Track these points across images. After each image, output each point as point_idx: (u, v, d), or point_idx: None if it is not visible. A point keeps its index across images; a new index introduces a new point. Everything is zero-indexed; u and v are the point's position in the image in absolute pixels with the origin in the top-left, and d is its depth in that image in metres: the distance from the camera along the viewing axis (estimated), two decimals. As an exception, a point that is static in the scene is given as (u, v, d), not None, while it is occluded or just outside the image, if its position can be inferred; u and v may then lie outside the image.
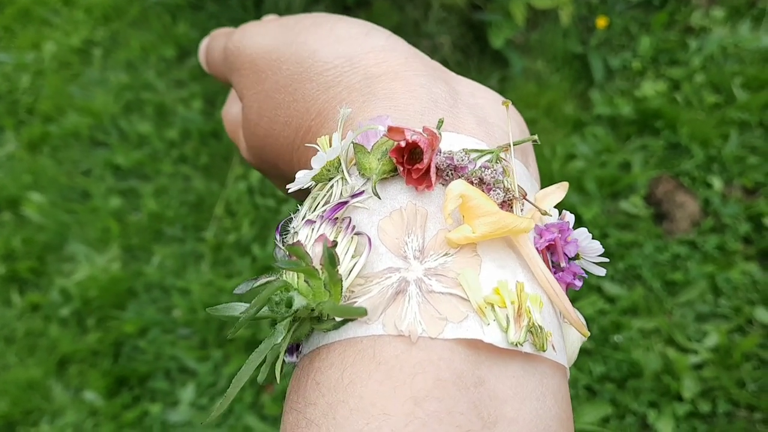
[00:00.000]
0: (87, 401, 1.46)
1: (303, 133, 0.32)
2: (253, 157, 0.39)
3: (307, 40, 0.34)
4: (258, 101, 0.36)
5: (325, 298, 0.23)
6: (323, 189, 0.27)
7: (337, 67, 0.31)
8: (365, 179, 0.26)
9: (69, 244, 1.69)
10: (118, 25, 2.15)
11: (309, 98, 0.32)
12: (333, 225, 0.25)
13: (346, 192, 0.26)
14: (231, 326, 1.09)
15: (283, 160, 0.35)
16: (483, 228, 0.24)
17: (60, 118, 1.95)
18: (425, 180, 0.25)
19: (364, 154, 0.26)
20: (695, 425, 1.27)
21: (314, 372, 0.23)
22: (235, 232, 1.64)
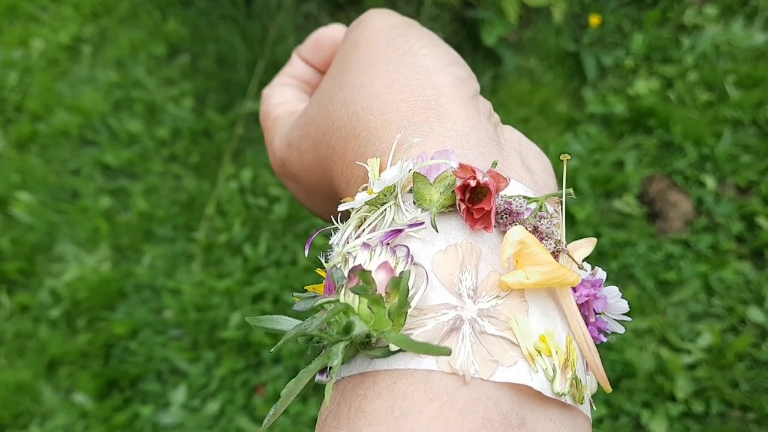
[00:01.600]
0: (77, 403, 1.44)
1: (349, 141, 0.33)
2: (290, 156, 0.40)
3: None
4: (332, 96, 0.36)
5: (387, 327, 0.23)
6: (373, 212, 0.27)
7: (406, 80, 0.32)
8: (421, 209, 0.26)
9: (58, 245, 1.67)
10: (106, 21, 2.13)
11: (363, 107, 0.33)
12: (393, 253, 0.25)
13: (400, 219, 0.26)
14: (223, 329, 1.09)
15: (323, 166, 0.36)
16: (537, 276, 0.24)
17: (48, 116, 1.93)
18: (485, 221, 0.26)
19: (425, 185, 0.26)
20: (688, 425, 1.27)
21: (359, 399, 0.23)
22: (226, 232, 1.63)
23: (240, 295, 1.52)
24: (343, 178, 0.33)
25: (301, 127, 0.38)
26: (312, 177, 0.39)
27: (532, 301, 0.24)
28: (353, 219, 0.28)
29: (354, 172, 0.32)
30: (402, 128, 0.30)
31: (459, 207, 0.26)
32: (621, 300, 0.28)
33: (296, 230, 1.62)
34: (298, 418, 1.38)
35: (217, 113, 1.84)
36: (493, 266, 0.25)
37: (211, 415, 1.40)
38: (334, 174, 0.35)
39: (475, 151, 0.28)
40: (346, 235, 0.27)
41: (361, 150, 0.31)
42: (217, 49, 1.93)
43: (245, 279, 1.55)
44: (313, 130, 0.37)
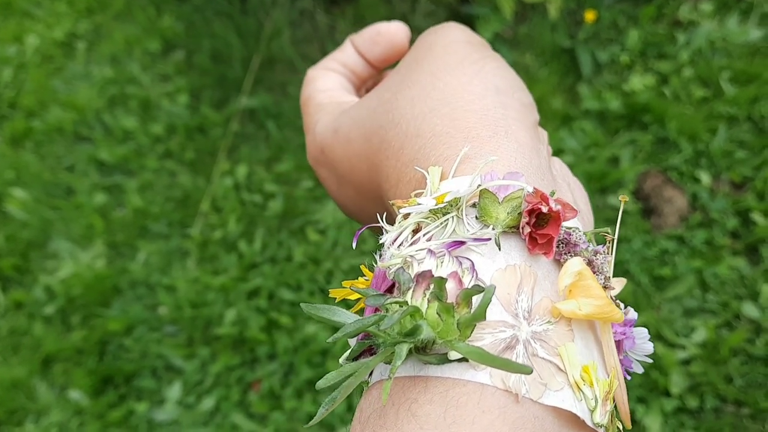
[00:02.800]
0: (72, 400, 1.44)
1: (410, 138, 0.33)
2: (334, 142, 0.39)
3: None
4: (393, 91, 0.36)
5: (454, 336, 0.23)
6: (432, 220, 0.27)
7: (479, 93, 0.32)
8: (483, 226, 0.27)
9: (53, 241, 1.67)
10: (101, 17, 2.12)
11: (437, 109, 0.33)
12: (459, 264, 0.25)
13: (461, 231, 0.27)
14: (218, 325, 1.08)
15: (371, 159, 0.36)
16: (588, 308, 0.25)
17: (43, 112, 1.92)
18: (547, 247, 0.26)
19: (493, 203, 0.27)
20: (683, 421, 1.28)
21: (409, 402, 0.24)
22: (221, 229, 1.63)
23: (235, 291, 1.52)
24: (394, 176, 0.33)
25: (354, 115, 0.38)
26: (353, 167, 0.38)
27: (577, 331, 0.25)
28: (409, 223, 0.28)
29: (408, 173, 0.32)
30: (469, 140, 0.30)
31: (522, 230, 0.26)
32: (648, 342, 0.29)
33: (291, 226, 1.62)
34: (293, 414, 1.38)
35: (212, 109, 1.83)
36: (545, 292, 0.25)
37: (206, 411, 1.40)
38: (382, 169, 0.34)
39: (536, 177, 0.29)
40: (402, 237, 0.28)
41: (421, 152, 0.31)
42: (212, 45, 1.93)
43: (240, 275, 1.55)
44: (368, 122, 0.36)
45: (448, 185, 0.28)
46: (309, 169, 1.71)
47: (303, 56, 1.88)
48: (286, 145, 1.75)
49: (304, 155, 1.73)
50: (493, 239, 0.26)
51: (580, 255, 0.27)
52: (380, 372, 0.26)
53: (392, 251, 0.27)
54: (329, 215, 1.62)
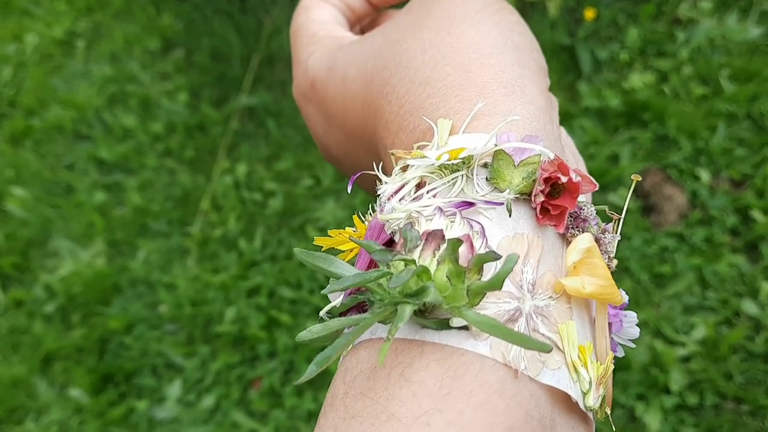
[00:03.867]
0: (72, 398, 1.44)
1: (416, 85, 0.30)
2: (328, 77, 0.37)
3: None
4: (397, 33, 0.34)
5: (462, 303, 0.22)
6: (439, 176, 0.26)
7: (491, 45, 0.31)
8: (494, 188, 0.25)
9: (53, 239, 1.67)
10: (100, 16, 2.12)
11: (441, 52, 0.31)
12: (470, 227, 0.24)
13: (471, 192, 0.25)
14: (219, 323, 1.07)
15: (369, 101, 0.34)
16: (592, 287, 0.24)
17: (42, 111, 1.92)
18: (558, 219, 0.25)
19: (508, 166, 0.25)
20: (683, 418, 1.28)
21: (403, 366, 0.22)
22: (221, 227, 1.63)
23: (235, 289, 1.52)
24: (395, 123, 0.31)
25: (353, 53, 0.35)
26: (346, 108, 0.36)
27: (575, 310, 0.24)
28: (413, 176, 0.26)
29: (411, 122, 0.30)
30: (483, 95, 0.28)
31: (535, 198, 0.25)
32: (635, 327, 0.29)
33: (291, 224, 1.62)
34: (293, 412, 1.38)
35: (211, 108, 1.83)
36: (549, 265, 0.25)
37: (207, 409, 1.40)
38: (381, 114, 0.32)
39: (549, 143, 0.27)
40: (404, 191, 0.26)
41: (429, 101, 0.29)
42: (212, 44, 1.93)
43: (240, 273, 1.55)
44: (370, 61, 0.34)
45: (459, 141, 0.26)
46: (309, 167, 1.71)
47: (303, 54, 1.88)
48: (286, 143, 1.75)
49: (304, 154, 1.73)
50: (504, 204, 0.25)
51: (588, 231, 0.26)
52: (370, 331, 0.25)
53: (393, 204, 0.26)
54: (329, 213, 1.62)
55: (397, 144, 0.30)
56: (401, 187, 0.26)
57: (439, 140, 0.27)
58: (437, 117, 0.28)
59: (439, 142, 0.27)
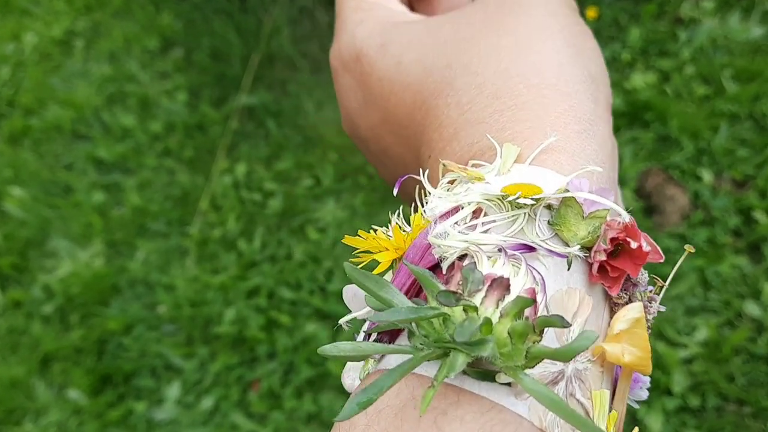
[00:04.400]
0: (71, 400, 1.44)
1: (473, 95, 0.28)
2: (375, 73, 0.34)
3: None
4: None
5: (519, 363, 0.20)
6: (499, 207, 0.24)
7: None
8: (555, 235, 0.24)
9: (51, 240, 1.66)
10: (99, 15, 2.11)
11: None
12: (533, 278, 0.22)
13: (531, 234, 0.24)
14: (218, 324, 1.06)
15: (423, 96, 0.31)
16: (630, 358, 0.23)
17: (41, 110, 1.91)
18: (614, 282, 0.24)
19: (577, 216, 0.24)
20: (685, 420, 1.27)
21: (436, 412, 0.21)
22: (220, 227, 1.62)
23: (234, 290, 1.51)
24: (449, 129, 0.28)
25: (414, 38, 0.32)
26: (393, 94, 0.33)
27: (606, 375, 0.24)
28: (471, 200, 0.24)
29: (470, 133, 0.27)
30: (556, 128, 0.26)
31: (594, 254, 0.23)
32: (645, 390, 0.28)
33: (291, 225, 1.62)
34: (293, 414, 1.37)
35: (211, 107, 1.82)
36: (591, 325, 0.23)
37: (206, 411, 1.39)
38: (435, 114, 0.29)
39: (613, 193, 0.26)
40: (459, 216, 0.24)
41: (494, 117, 0.27)
42: (211, 43, 1.92)
43: (240, 274, 1.54)
44: (433, 53, 0.31)
45: (524, 172, 0.24)
46: (309, 167, 1.70)
47: (303, 54, 1.88)
48: (285, 143, 1.74)
49: (304, 154, 1.72)
50: (567, 258, 0.23)
51: (637, 297, 0.25)
52: (399, 358, 0.23)
53: (447, 228, 0.24)
54: (329, 214, 1.61)
55: (449, 153, 0.28)
56: (455, 208, 0.24)
57: (501, 166, 0.25)
58: (502, 138, 0.26)
59: (501, 168, 0.25)
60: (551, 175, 0.24)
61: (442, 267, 0.24)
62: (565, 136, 0.26)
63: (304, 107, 1.79)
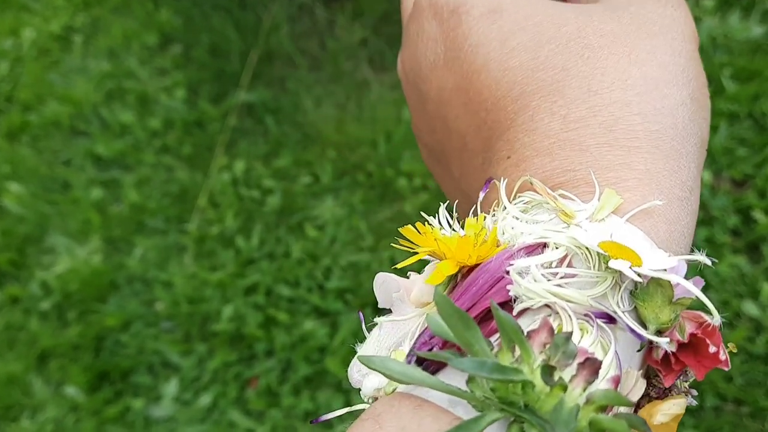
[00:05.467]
0: (68, 396, 1.43)
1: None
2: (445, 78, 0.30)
3: None
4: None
5: None
6: (587, 259, 0.22)
7: None
8: (634, 310, 0.22)
9: (49, 236, 1.66)
10: (98, 11, 2.11)
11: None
12: (618, 365, 0.21)
13: (613, 302, 0.22)
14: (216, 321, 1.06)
15: (521, 90, 0.27)
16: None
17: (40, 106, 1.91)
18: (672, 374, 0.22)
19: (665, 300, 0.22)
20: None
21: None
22: (218, 224, 1.62)
23: (232, 287, 1.51)
24: (545, 140, 0.25)
25: (530, 20, 0.28)
26: (489, 72, 0.28)
27: None
28: (559, 242, 0.22)
29: (566, 156, 0.25)
30: (662, 191, 0.23)
31: (663, 338, 0.22)
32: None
33: (289, 222, 1.61)
34: (290, 411, 1.37)
35: (209, 104, 1.82)
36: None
37: (203, 408, 1.39)
38: (531, 116, 0.26)
39: (702, 282, 0.24)
40: (546, 258, 0.22)
41: (600, 150, 0.24)
42: (210, 40, 1.92)
43: (238, 271, 1.54)
44: (548, 48, 0.27)
45: (621, 230, 0.22)
46: (307, 165, 1.70)
47: (302, 51, 1.87)
48: (284, 140, 1.74)
49: (302, 151, 1.72)
50: (643, 340, 0.22)
51: (681, 389, 0.24)
52: (448, 400, 0.21)
53: (533, 269, 0.21)
54: (327, 211, 1.61)
55: (536, 166, 0.25)
56: (541, 246, 0.22)
57: (597, 212, 0.23)
58: (605, 179, 0.24)
59: (596, 214, 0.23)
60: (647, 243, 0.22)
61: (513, 306, 0.22)
62: (669, 201, 0.24)
63: (302, 104, 1.79)
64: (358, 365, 0.26)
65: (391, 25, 1.88)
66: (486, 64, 0.28)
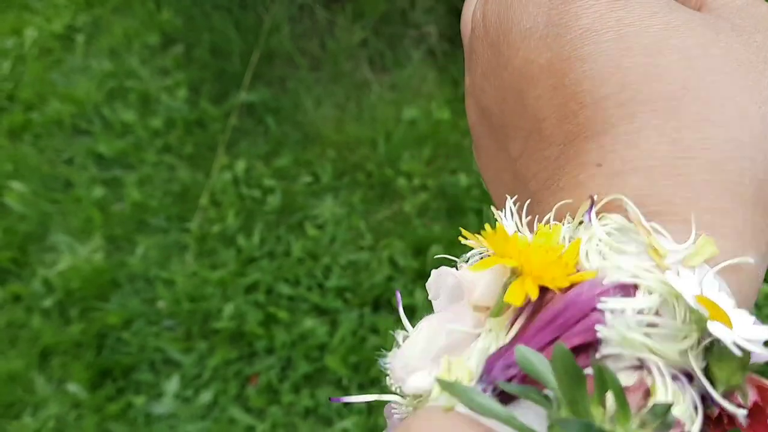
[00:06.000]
0: (70, 393, 1.44)
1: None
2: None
3: None
4: None
5: None
6: (675, 318, 0.20)
7: None
8: (705, 365, 0.20)
9: (51, 234, 1.67)
10: (100, 10, 2.11)
11: None
12: None
13: (693, 361, 0.20)
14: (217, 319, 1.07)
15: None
16: None
17: (42, 105, 1.92)
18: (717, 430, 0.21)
19: (740, 363, 0.20)
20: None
21: None
22: (219, 223, 1.63)
23: (233, 285, 1.52)
24: (627, 162, 0.22)
25: (655, 22, 0.24)
26: (592, 62, 0.24)
27: None
28: (651, 291, 0.20)
29: (660, 183, 0.22)
30: (755, 244, 0.22)
31: (739, 413, 0.20)
32: None
33: (290, 221, 1.63)
34: (290, 409, 1.38)
35: (211, 104, 1.83)
36: None
37: (204, 405, 1.40)
38: (608, 128, 0.23)
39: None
40: (639, 305, 0.19)
41: (702, 187, 0.22)
42: (211, 40, 1.93)
43: (238, 270, 1.55)
44: (669, 48, 0.24)
45: (710, 284, 0.20)
46: (308, 164, 1.71)
47: (302, 51, 1.88)
48: (284, 140, 1.75)
49: (302, 151, 1.73)
50: (715, 405, 0.20)
51: None
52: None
53: (629, 313, 0.19)
54: (327, 210, 1.62)
55: (632, 187, 0.22)
56: (633, 287, 0.20)
57: (689, 257, 0.20)
58: (702, 220, 0.21)
59: (688, 260, 0.20)
60: (731, 301, 0.20)
61: (597, 349, 0.19)
62: (760, 258, 0.22)
63: (303, 104, 1.80)
64: (403, 359, 0.23)
65: (391, 26, 1.89)
66: (595, 55, 0.24)
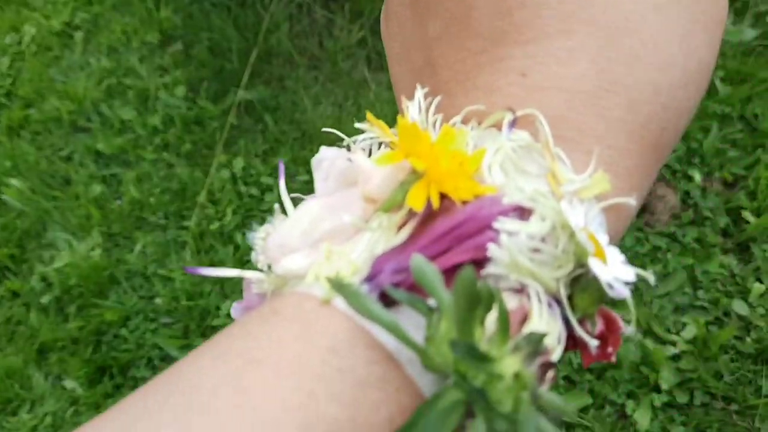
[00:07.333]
0: (67, 390, 1.45)
1: None
2: None
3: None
4: None
5: None
6: (554, 246, 0.20)
7: None
8: (569, 294, 0.21)
9: (49, 231, 1.67)
10: (99, 8, 2.12)
11: None
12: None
13: (563, 291, 0.20)
14: (214, 316, 1.08)
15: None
16: None
17: (40, 102, 1.92)
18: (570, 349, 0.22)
19: (599, 296, 0.20)
20: (672, 416, 1.30)
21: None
22: (218, 221, 1.63)
23: (231, 283, 1.53)
24: (566, 73, 0.21)
25: None
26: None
27: None
28: (545, 217, 0.20)
29: (580, 112, 0.21)
30: (635, 185, 0.22)
31: (591, 343, 0.21)
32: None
33: (287, 219, 1.63)
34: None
35: (209, 102, 1.84)
36: None
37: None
38: (567, 46, 0.21)
39: None
40: (536, 230, 0.19)
41: (619, 118, 0.21)
42: (210, 38, 1.93)
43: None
44: None
45: (595, 220, 0.20)
46: (305, 163, 1.72)
47: (300, 50, 1.89)
48: (282, 138, 1.76)
49: (300, 149, 1.74)
50: (570, 332, 0.21)
51: None
52: (391, 342, 0.18)
53: (523, 237, 0.19)
54: (325, 209, 1.62)
55: (550, 107, 0.21)
56: (529, 211, 0.20)
57: (583, 189, 0.20)
58: (603, 155, 0.21)
59: (582, 192, 0.20)
60: (606, 239, 0.20)
61: (483, 266, 0.19)
62: (639, 201, 0.22)
63: (301, 103, 1.81)
64: (281, 238, 0.22)
65: (389, 25, 1.89)
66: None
